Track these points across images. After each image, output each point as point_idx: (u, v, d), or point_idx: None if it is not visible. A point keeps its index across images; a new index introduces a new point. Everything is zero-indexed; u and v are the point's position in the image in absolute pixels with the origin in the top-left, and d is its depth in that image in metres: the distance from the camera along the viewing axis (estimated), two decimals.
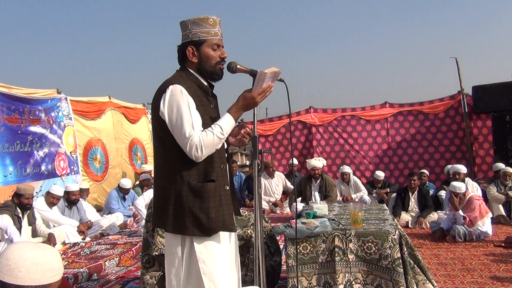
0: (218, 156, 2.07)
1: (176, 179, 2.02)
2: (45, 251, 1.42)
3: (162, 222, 2.07)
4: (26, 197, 5.20)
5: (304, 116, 9.98)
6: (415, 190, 6.77)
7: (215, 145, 1.99)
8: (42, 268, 1.37)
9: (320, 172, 7.15)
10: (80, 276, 4.24)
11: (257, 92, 2.06)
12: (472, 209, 5.38)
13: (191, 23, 2.08)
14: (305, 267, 3.15)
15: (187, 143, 1.94)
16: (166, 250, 2.16)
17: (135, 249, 5.31)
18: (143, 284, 3.30)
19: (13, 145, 6.46)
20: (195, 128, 1.95)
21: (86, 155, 8.36)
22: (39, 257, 1.38)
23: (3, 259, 1.36)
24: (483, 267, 4.18)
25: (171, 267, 2.09)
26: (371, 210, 4.16)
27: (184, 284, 2.06)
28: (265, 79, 2.04)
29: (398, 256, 2.98)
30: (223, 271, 2.04)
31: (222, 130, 1.99)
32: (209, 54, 2.10)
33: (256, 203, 2.21)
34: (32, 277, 1.34)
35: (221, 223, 2.03)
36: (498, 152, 8.26)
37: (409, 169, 9.05)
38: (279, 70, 2.07)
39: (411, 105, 9.50)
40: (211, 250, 2.02)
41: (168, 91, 2.00)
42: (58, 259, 1.44)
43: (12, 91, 6.62)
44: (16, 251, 1.37)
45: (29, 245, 1.42)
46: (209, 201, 2.00)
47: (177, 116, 1.96)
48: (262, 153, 2.30)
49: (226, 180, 2.11)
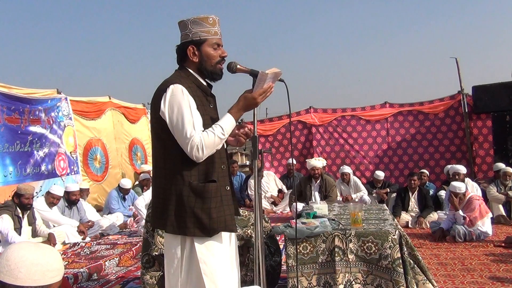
0: (218, 156, 2.06)
1: (176, 179, 2.00)
2: (45, 251, 1.41)
3: (162, 222, 2.06)
4: (26, 197, 5.21)
5: (304, 116, 9.99)
6: (415, 190, 6.77)
7: (216, 145, 1.99)
8: (42, 269, 1.36)
9: (320, 172, 7.16)
10: (80, 276, 4.24)
11: (258, 93, 2.06)
12: (472, 209, 5.38)
13: (191, 22, 2.07)
14: (305, 267, 3.15)
15: (188, 144, 1.93)
16: (166, 251, 2.15)
17: (135, 249, 5.31)
18: (143, 284, 3.30)
19: (13, 145, 6.46)
20: (196, 129, 1.94)
21: (86, 155, 8.36)
22: (39, 257, 1.37)
23: (3, 260, 1.35)
24: (483, 267, 4.18)
25: (170, 267, 2.09)
26: (371, 210, 4.16)
27: (183, 284, 2.05)
28: (266, 79, 2.04)
29: (398, 256, 2.98)
30: (223, 271, 2.04)
31: (223, 130, 1.99)
32: (210, 54, 2.09)
33: (256, 203, 2.21)
34: (32, 278, 1.34)
35: (222, 224, 2.03)
36: (498, 152, 8.26)
37: (409, 169, 9.05)
38: (280, 71, 2.07)
39: (411, 105, 9.49)
40: (212, 250, 2.02)
41: (169, 90, 1.98)
42: (58, 259, 1.44)
43: (12, 91, 6.62)
44: (16, 252, 1.37)
45: (29, 246, 1.42)
46: (210, 202, 1.99)
47: (178, 116, 1.95)
48: (262, 153, 2.31)
49: (226, 181, 2.11)
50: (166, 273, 2.12)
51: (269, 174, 9.01)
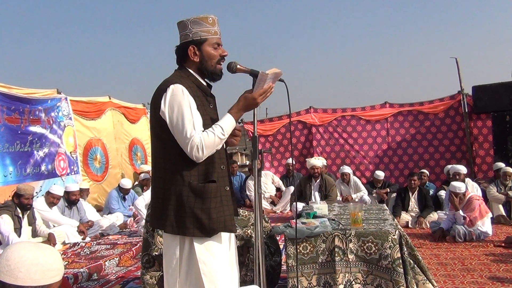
0: (218, 156, 2.07)
1: (176, 179, 2.00)
2: (45, 251, 1.41)
3: (161, 223, 2.05)
4: (26, 197, 5.20)
5: (304, 116, 9.99)
6: (415, 190, 6.77)
7: (216, 145, 1.99)
8: (42, 269, 1.36)
9: (320, 171, 7.18)
10: (80, 276, 4.24)
11: (258, 93, 2.06)
12: (472, 209, 5.38)
13: (191, 22, 2.07)
14: (305, 267, 3.15)
15: (188, 144, 1.93)
16: (164, 251, 2.15)
17: (135, 249, 5.31)
18: (143, 284, 3.30)
19: (13, 145, 6.46)
20: (196, 129, 1.94)
21: (86, 155, 8.36)
22: (39, 257, 1.37)
23: (3, 260, 1.35)
24: (483, 267, 4.18)
25: (168, 267, 2.09)
26: (371, 210, 4.16)
27: (181, 284, 2.05)
28: (266, 80, 2.04)
29: (398, 256, 2.98)
30: (223, 271, 2.04)
31: (223, 130, 1.99)
32: (210, 53, 2.09)
33: (256, 203, 2.21)
34: (32, 278, 1.34)
35: (222, 224, 2.03)
36: (498, 152, 8.26)
37: (409, 169, 9.05)
38: (280, 71, 2.07)
39: (411, 105, 9.49)
40: (211, 250, 2.02)
41: (169, 90, 1.98)
42: (58, 259, 1.44)
43: (12, 91, 6.62)
44: (17, 252, 1.37)
45: (30, 246, 1.42)
46: (210, 202, 1.99)
47: (178, 116, 1.94)
48: (262, 153, 2.31)
49: (226, 181, 2.11)
50: (165, 273, 2.12)
51: (267, 174, 9.02)
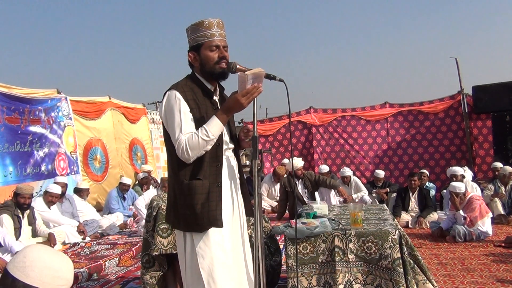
0: (210, 156, 2.13)
1: (175, 178, 2.16)
2: (62, 259, 1.44)
3: (170, 219, 2.25)
4: (23, 196, 5.19)
5: (304, 116, 9.99)
6: (415, 190, 6.77)
7: (202, 147, 2.06)
8: (54, 274, 1.38)
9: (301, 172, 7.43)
10: (80, 276, 4.24)
11: (241, 94, 2.08)
12: (472, 209, 5.38)
13: (190, 30, 2.19)
14: (305, 267, 3.15)
15: (176, 146, 2.07)
16: (177, 246, 2.31)
17: (135, 249, 5.31)
18: (143, 284, 3.30)
19: (13, 145, 6.46)
20: (183, 131, 2.06)
21: (86, 155, 8.36)
22: (55, 263, 1.40)
23: (20, 255, 1.38)
24: (483, 267, 4.17)
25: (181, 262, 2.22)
26: (371, 210, 4.16)
27: (187, 278, 2.15)
28: (246, 80, 2.04)
29: (398, 256, 2.98)
30: (221, 267, 2.08)
31: (207, 132, 2.05)
32: (207, 56, 2.15)
33: (256, 203, 2.21)
34: (42, 280, 1.35)
35: (206, 219, 2.08)
36: (498, 152, 8.27)
37: (409, 169, 9.06)
38: (263, 71, 2.08)
39: (411, 105, 9.50)
40: (209, 245, 2.09)
41: (165, 97, 2.14)
42: (71, 270, 1.46)
43: (12, 91, 6.63)
44: (36, 251, 1.40)
45: (50, 250, 1.46)
46: (194, 198, 2.08)
47: (169, 120, 2.10)
48: (262, 153, 2.31)
49: (219, 178, 2.16)
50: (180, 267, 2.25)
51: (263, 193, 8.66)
